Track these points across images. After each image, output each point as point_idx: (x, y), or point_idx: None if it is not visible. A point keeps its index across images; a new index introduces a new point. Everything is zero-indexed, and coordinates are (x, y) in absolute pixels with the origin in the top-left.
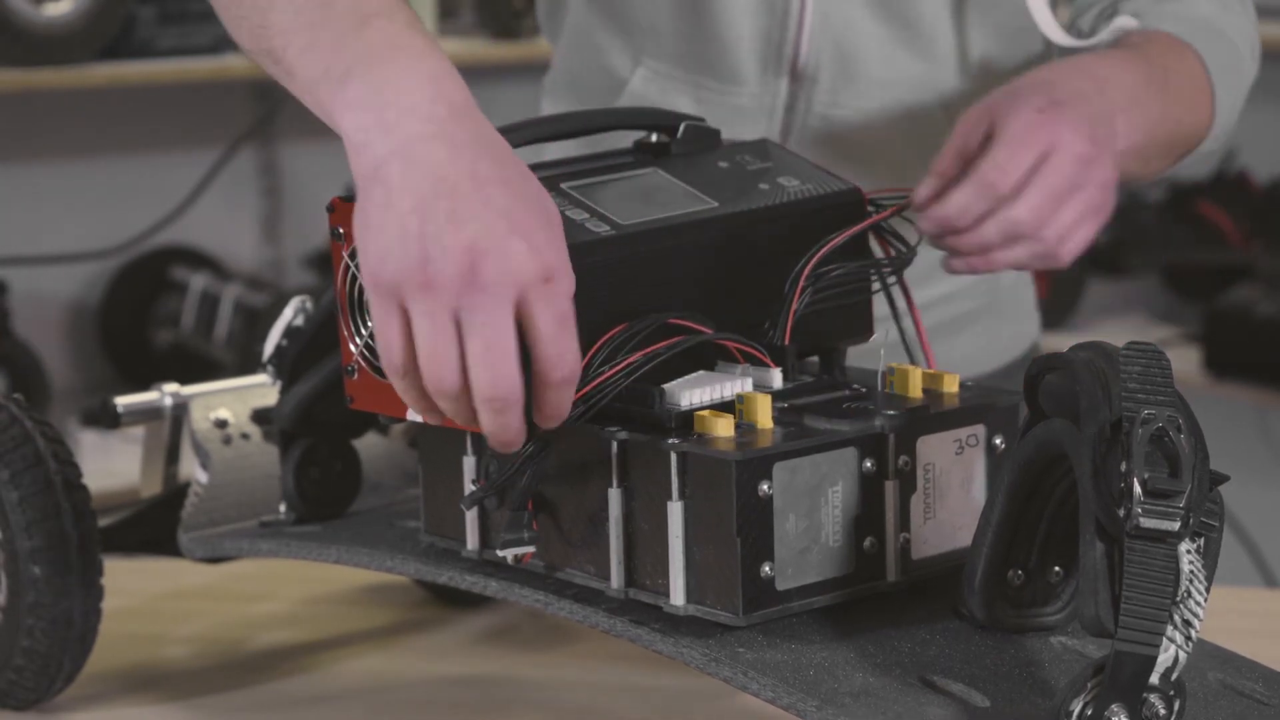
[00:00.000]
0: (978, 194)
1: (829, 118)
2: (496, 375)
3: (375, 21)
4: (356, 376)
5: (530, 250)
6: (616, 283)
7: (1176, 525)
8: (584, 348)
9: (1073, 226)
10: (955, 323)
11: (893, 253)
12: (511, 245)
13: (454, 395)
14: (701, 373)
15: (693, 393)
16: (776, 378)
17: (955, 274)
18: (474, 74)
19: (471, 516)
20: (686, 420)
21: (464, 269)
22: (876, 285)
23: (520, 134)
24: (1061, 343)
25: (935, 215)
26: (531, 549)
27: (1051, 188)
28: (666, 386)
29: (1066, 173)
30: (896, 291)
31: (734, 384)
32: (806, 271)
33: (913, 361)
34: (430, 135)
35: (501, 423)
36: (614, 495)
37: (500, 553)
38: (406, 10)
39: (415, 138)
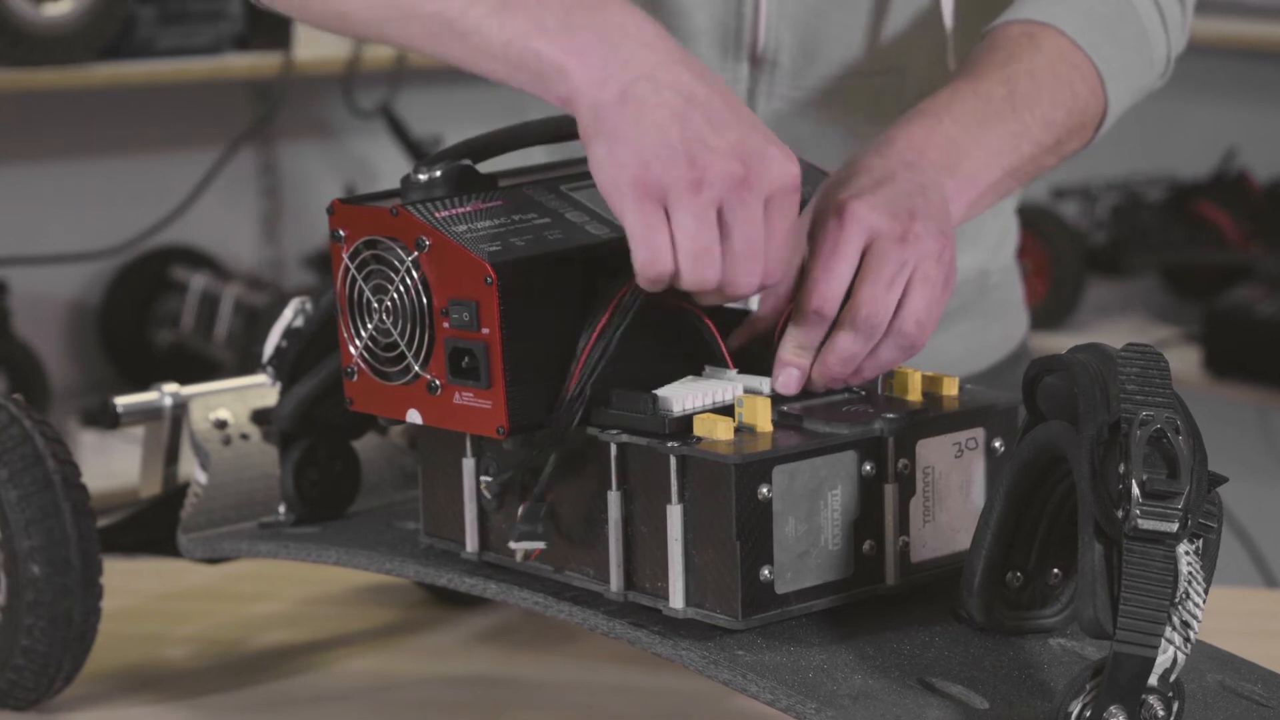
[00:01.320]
0: (864, 340)
1: (791, 99)
2: (750, 273)
3: None
4: (356, 378)
5: (785, 157)
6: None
7: (1175, 527)
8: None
9: (935, 321)
10: (943, 322)
11: None
12: (771, 151)
13: (712, 290)
14: (690, 378)
15: (686, 398)
16: (768, 382)
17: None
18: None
19: (471, 518)
20: (685, 424)
21: (733, 168)
22: None
23: (522, 136)
24: (1061, 343)
25: (838, 366)
26: (542, 545)
27: (925, 303)
28: (659, 392)
29: (933, 279)
30: None
31: (729, 388)
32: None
33: None
34: (671, 61)
35: (773, 305)
36: (613, 498)
37: (512, 544)
38: None
39: (657, 65)
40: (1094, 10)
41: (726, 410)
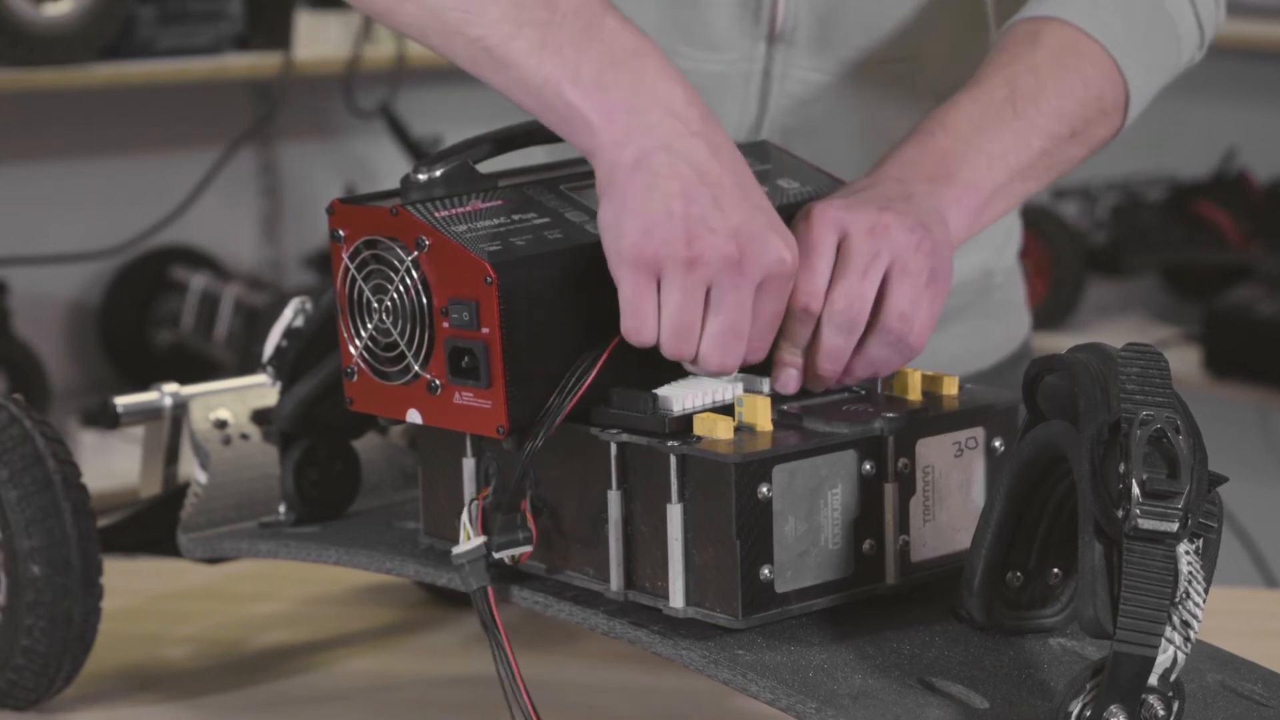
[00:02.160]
0: (844, 331)
1: (808, 82)
2: (729, 354)
3: (608, 22)
4: (356, 378)
5: (784, 244)
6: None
7: (1175, 526)
8: (581, 348)
9: (926, 318)
10: (944, 321)
11: None
12: (771, 238)
13: (690, 363)
14: (692, 378)
15: (685, 397)
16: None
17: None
18: None
19: (467, 518)
20: (686, 423)
21: (729, 250)
22: None
23: (521, 136)
24: (1061, 343)
25: (826, 366)
26: (528, 548)
27: (908, 295)
28: (659, 391)
29: (912, 270)
30: None
31: (729, 387)
32: None
33: None
34: (691, 133)
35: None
36: (613, 497)
37: (496, 555)
38: (617, 10)
39: (677, 134)
40: (1110, 10)
41: (726, 410)
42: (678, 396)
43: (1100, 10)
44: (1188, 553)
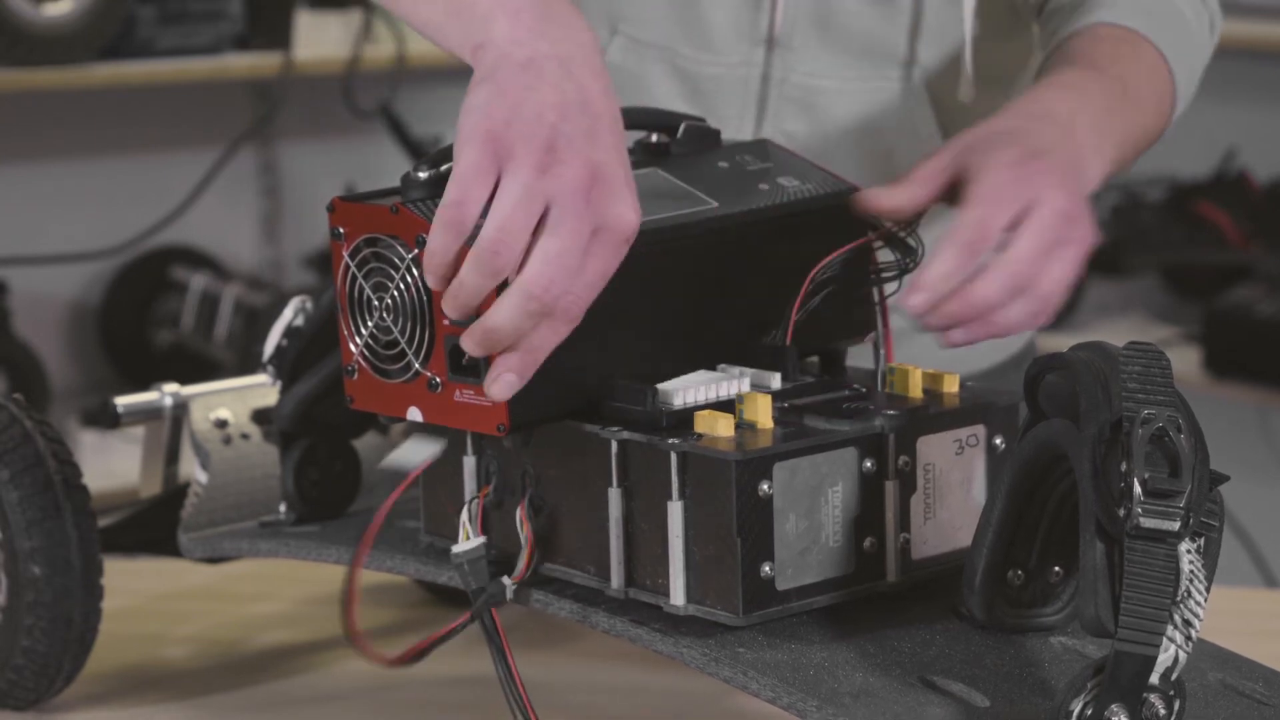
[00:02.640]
0: (960, 253)
1: (806, 86)
2: (557, 280)
3: None
4: (357, 376)
5: (635, 210)
6: (616, 283)
7: (1176, 525)
8: (581, 345)
9: (1060, 281)
10: None
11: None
12: (625, 194)
13: (493, 271)
14: (701, 372)
15: (686, 392)
16: (775, 377)
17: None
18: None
19: (467, 517)
20: (686, 420)
21: (582, 179)
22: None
23: None
24: (1061, 343)
25: (927, 281)
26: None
27: (1041, 242)
28: (661, 386)
29: (1051, 227)
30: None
31: (730, 384)
32: (811, 277)
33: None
34: (590, 64)
35: (511, 313)
36: (614, 495)
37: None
38: None
39: (576, 58)
40: (1178, 34)
41: (727, 406)
42: (678, 391)
43: (1183, 53)
44: (1189, 552)
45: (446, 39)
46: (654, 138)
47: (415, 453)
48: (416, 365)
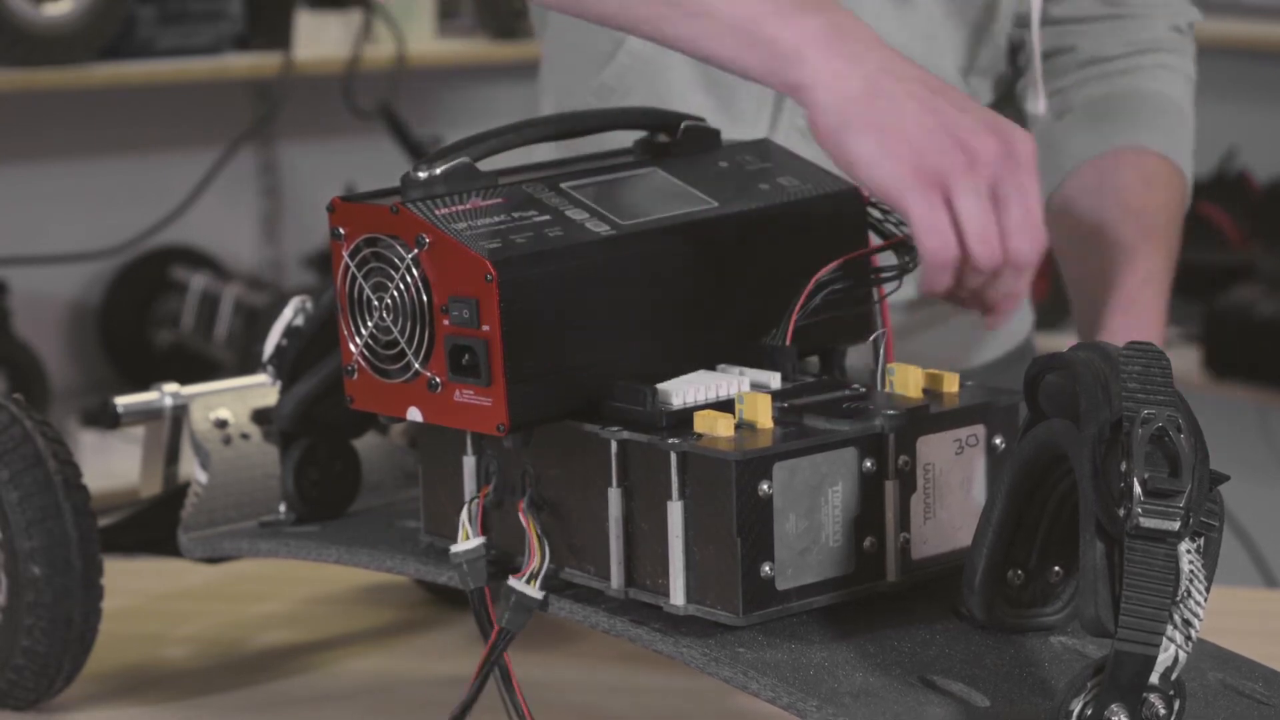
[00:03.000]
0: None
1: None
2: (1035, 238)
3: None
4: (357, 376)
5: (1025, 131)
6: (616, 283)
7: (1176, 525)
8: (581, 345)
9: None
10: (947, 312)
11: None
12: (1014, 126)
13: (995, 268)
14: (701, 372)
15: (686, 392)
16: (775, 377)
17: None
18: (474, 74)
19: (467, 517)
20: (686, 420)
21: (997, 145)
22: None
23: (521, 134)
24: (1062, 342)
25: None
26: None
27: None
28: (661, 386)
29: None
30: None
31: (729, 384)
32: (813, 281)
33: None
34: (898, 59)
35: (1024, 284)
36: (614, 495)
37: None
38: None
39: (887, 61)
40: (1184, 134)
41: (727, 406)
42: (678, 391)
43: (1188, 153)
44: (1189, 551)
45: (744, 67)
46: (654, 138)
47: None
48: (416, 365)
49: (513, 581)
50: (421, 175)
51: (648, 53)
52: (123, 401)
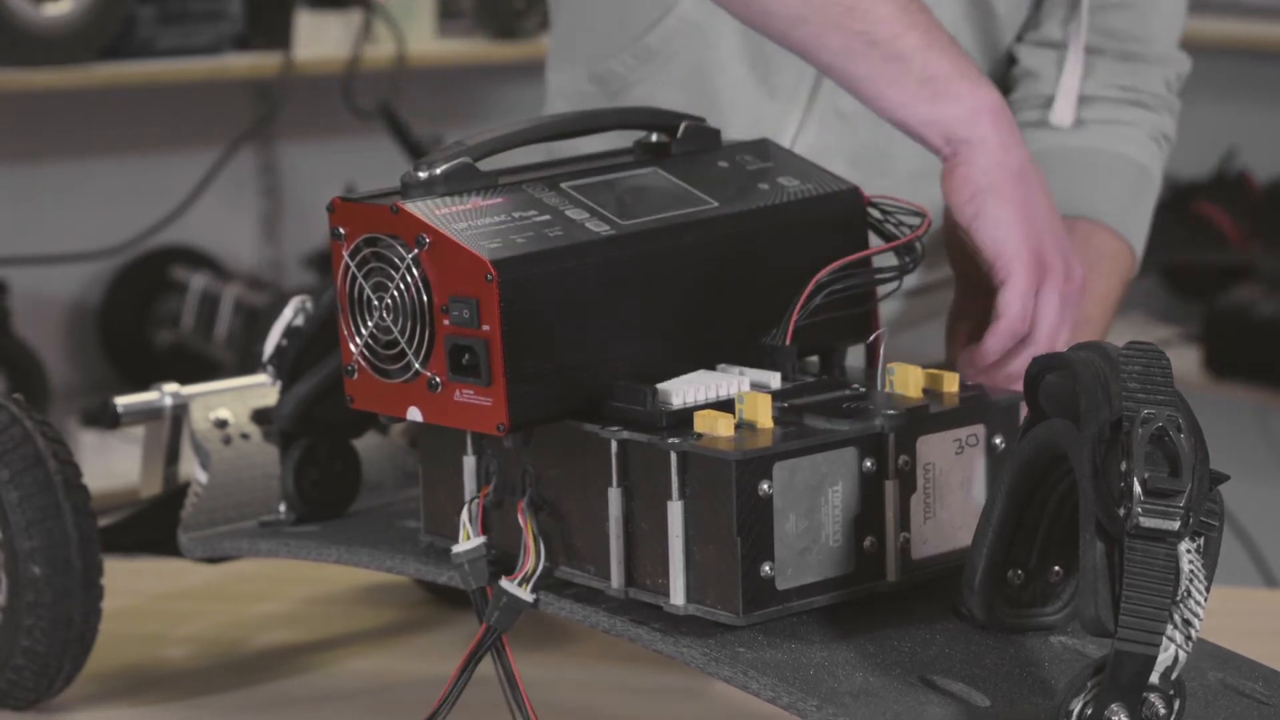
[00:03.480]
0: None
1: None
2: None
3: (953, 42)
4: (357, 376)
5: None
6: (616, 283)
7: (1176, 525)
8: (581, 345)
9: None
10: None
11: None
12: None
13: (1019, 353)
14: (701, 372)
15: (686, 392)
16: (775, 377)
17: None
18: (474, 74)
19: (467, 517)
20: (686, 419)
21: (1080, 275)
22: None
23: (521, 134)
24: None
25: (977, 361)
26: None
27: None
28: (661, 386)
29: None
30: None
31: (729, 384)
32: (814, 282)
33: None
34: (1031, 164)
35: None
36: (614, 495)
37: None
38: None
39: (1026, 160)
40: (1147, 201)
41: (727, 406)
42: (678, 390)
43: (1136, 211)
44: (1189, 551)
45: (913, 114)
46: (654, 137)
47: None
48: (416, 365)
49: (504, 583)
50: (422, 175)
51: (698, 17)
52: (123, 401)
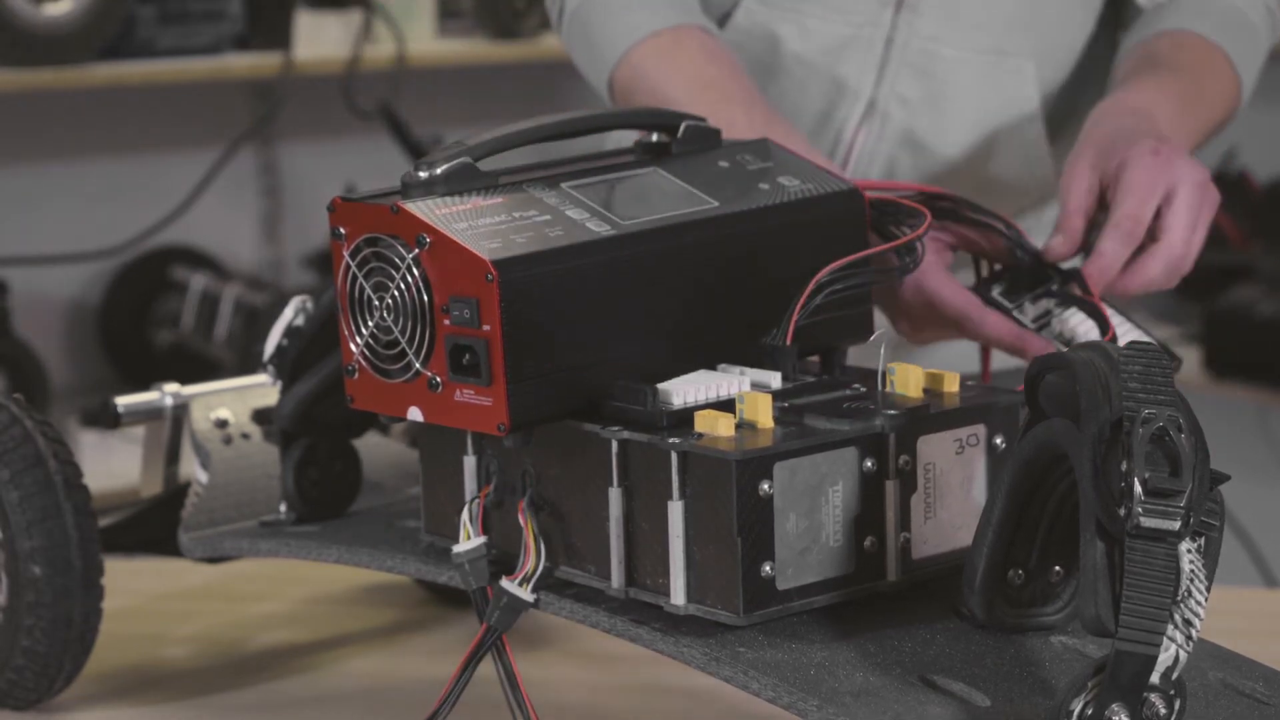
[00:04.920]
0: (1123, 242)
1: (927, 52)
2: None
3: None
4: (357, 376)
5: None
6: (617, 282)
7: (1177, 525)
8: (582, 345)
9: (1200, 245)
10: None
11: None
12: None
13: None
14: (701, 372)
15: (686, 392)
16: (776, 377)
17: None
18: (474, 74)
19: (468, 517)
20: (686, 419)
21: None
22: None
23: (521, 135)
24: None
25: (1097, 268)
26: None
27: (1189, 220)
28: (661, 386)
29: (1194, 204)
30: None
31: (730, 384)
32: (814, 282)
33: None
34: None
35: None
36: (614, 495)
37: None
38: None
39: None
40: (1248, 45)
41: (727, 406)
42: (678, 390)
43: (1250, 62)
44: (1190, 551)
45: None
46: (654, 137)
47: None
48: (417, 365)
49: (505, 583)
50: (422, 175)
51: (758, 22)
52: (123, 401)
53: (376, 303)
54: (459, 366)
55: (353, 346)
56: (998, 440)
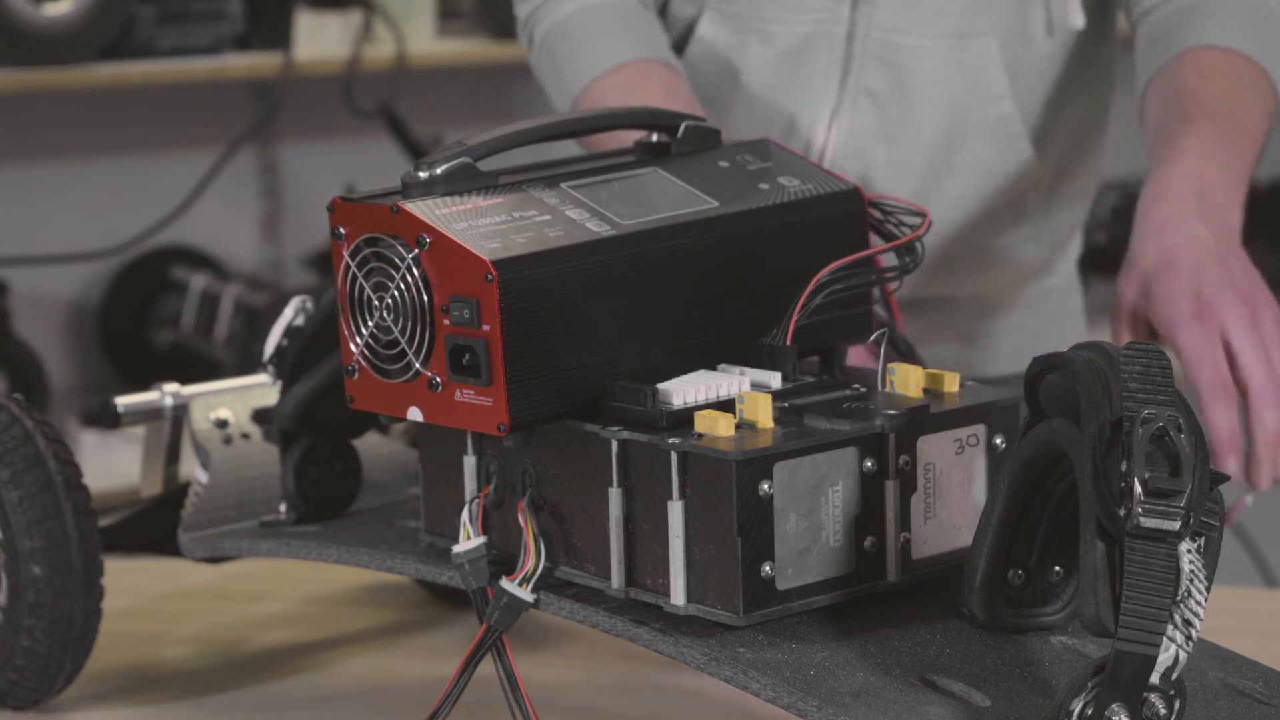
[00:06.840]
0: (1229, 411)
1: (888, 43)
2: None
3: None
4: (357, 376)
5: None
6: (616, 283)
7: (1177, 525)
8: (582, 345)
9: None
10: (1002, 314)
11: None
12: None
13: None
14: (701, 372)
15: (686, 392)
16: (775, 377)
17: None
18: (474, 74)
19: (468, 517)
20: (686, 419)
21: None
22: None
23: (521, 135)
24: None
25: (1258, 467)
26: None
27: (1258, 355)
28: (661, 386)
29: (1253, 340)
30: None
31: (730, 384)
32: (814, 282)
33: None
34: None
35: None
36: (614, 495)
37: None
38: None
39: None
40: (1273, 34)
41: (727, 406)
42: (678, 391)
43: (1249, 30)
44: (1189, 551)
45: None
46: (654, 137)
47: None
48: (417, 365)
49: (505, 583)
50: (422, 175)
51: (720, 37)
52: (123, 401)
53: (376, 303)
54: (459, 366)
55: (353, 347)
56: (998, 440)
